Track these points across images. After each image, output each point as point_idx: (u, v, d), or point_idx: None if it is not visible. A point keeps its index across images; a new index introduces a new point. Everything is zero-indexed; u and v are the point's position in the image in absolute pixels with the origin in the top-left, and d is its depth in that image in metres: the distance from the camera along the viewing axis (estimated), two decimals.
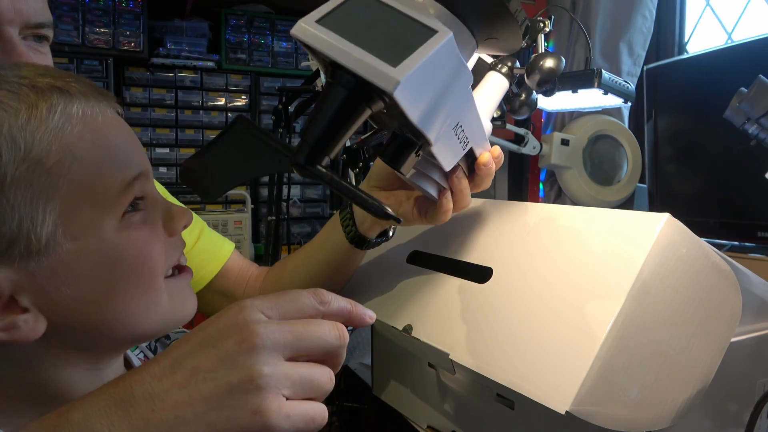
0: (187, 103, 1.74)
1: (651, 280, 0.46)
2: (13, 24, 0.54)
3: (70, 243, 0.37)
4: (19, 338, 0.37)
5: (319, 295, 0.37)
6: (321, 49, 0.35)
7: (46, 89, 0.38)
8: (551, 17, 0.90)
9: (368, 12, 0.36)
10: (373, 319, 0.40)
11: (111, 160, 0.39)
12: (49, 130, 0.37)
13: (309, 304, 0.36)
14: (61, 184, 0.37)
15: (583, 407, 0.42)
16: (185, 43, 1.73)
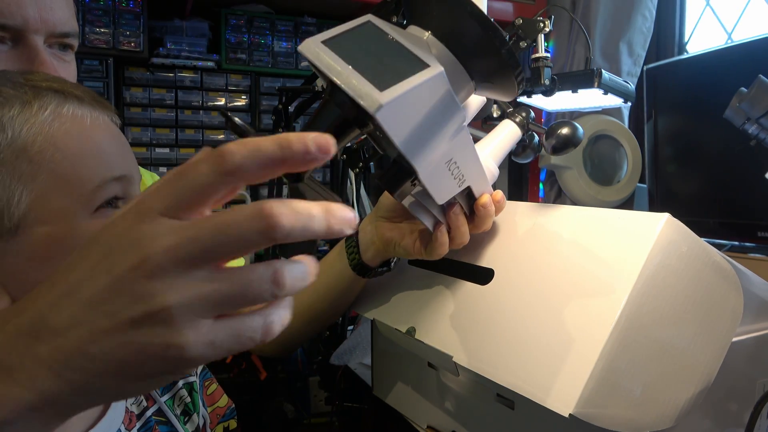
0: (187, 103, 1.74)
1: (652, 280, 0.46)
2: (39, 33, 0.57)
3: (41, 227, 0.40)
4: None
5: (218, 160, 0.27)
6: (320, 66, 0.37)
7: (43, 90, 0.42)
8: (551, 17, 0.90)
9: (372, 40, 0.39)
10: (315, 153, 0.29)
11: (93, 157, 0.42)
12: (38, 123, 0.40)
13: (209, 181, 0.28)
14: (40, 172, 0.40)
15: (586, 409, 0.42)
16: (185, 43, 1.73)
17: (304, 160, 0.28)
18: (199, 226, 0.28)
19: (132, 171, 0.45)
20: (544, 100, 1.24)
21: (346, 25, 0.40)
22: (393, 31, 0.40)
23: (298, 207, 0.28)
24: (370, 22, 0.40)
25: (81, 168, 0.41)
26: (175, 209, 0.28)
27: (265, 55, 1.81)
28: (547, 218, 0.58)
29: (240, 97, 1.79)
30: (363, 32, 0.39)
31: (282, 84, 1.81)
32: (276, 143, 0.27)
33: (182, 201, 0.28)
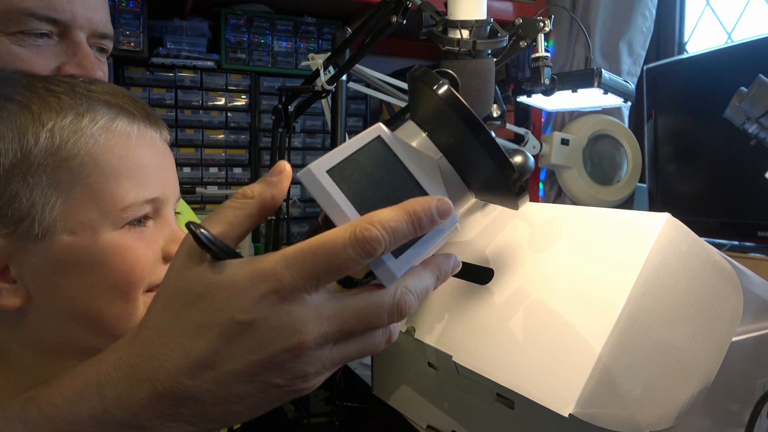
0: (187, 103, 1.74)
1: (652, 280, 0.46)
2: (83, 30, 0.60)
3: (66, 236, 0.41)
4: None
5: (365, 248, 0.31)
6: (321, 203, 0.34)
7: (99, 103, 0.43)
8: (551, 17, 0.90)
9: (378, 165, 0.35)
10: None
11: (129, 177, 0.43)
12: (85, 136, 0.41)
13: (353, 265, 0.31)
14: (77, 184, 0.41)
15: (586, 409, 0.42)
16: (185, 42, 1.73)
17: (431, 227, 0.33)
18: (346, 316, 0.32)
19: (167, 192, 0.46)
20: (544, 100, 1.25)
21: (353, 143, 0.35)
22: (403, 151, 0.36)
23: (420, 289, 0.34)
24: (380, 138, 0.36)
25: (116, 186, 0.42)
26: (315, 286, 0.32)
27: (265, 55, 1.81)
28: (547, 218, 0.58)
29: (240, 97, 1.79)
30: (372, 155, 0.35)
31: (282, 83, 1.81)
32: (410, 224, 0.32)
33: (326, 280, 0.32)
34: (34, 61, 0.57)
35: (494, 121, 1.19)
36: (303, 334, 0.31)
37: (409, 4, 0.81)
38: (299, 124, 1.85)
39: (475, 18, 0.69)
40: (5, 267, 0.41)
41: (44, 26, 0.57)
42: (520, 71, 1.88)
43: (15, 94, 0.42)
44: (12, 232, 0.40)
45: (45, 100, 0.42)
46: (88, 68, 0.60)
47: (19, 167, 0.40)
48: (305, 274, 0.31)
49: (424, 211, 0.32)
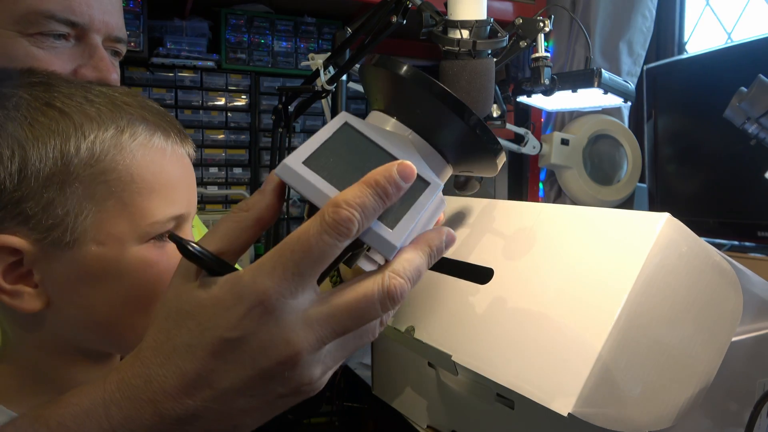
0: (187, 103, 1.74)
1: (652, 279, 0.46)
2: (100, 33, 0.61)
3: (95, 246, 0.41)
4: (18, 306, 0.41)
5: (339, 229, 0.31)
6: (302, 193, 0.34)
7: (137, 118, 0.44)
8: (551, 17, 0.90)
9: (350, 147, 0.35)
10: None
11: (161, 193, 0.44)
12: (124, 151, 0.42)
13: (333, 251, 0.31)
14: (111, 197, 0.42)
15: (585, 409, 0.42)
16: (185, 42, 1.73)
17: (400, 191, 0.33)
18: (338, 316, 0.32)
19: (190, 208, 0.47)
20: (544, 100, 1.25)
21: (322, 133, 0.36)
22: (373, 132, 0.36)
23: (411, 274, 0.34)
24: (347, 124, 0.36)
25: (148, 202, 0.43)
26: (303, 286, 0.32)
27: (265, 55, 1.81)
28: (546, 218, 0.58)
29: (240, 97, 1.79)
30: (343, 140, 0.36)
31: (282, 83, 1.81)
32: (375, 195, 0.32)
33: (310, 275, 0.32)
34: (51, 62, 0.58)
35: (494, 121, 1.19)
36: (296, 344, 0.31)
37: (409, 4, 0.81)
38: (299, 124, 1.85)
39: (475, 18, 0.69)
40: (29, 271, 0.41)
41: (62, 28, 0.58)
42: (520, 71, 1.88)
43: (55, 100, 0.42)
44: (42, 238, 0.40)
45: (86, 110, 0.42)
46: (104, 71, 0.61)
47: (58, 176, 0.40)
48: (287, 275, 0.31)
49: (386, 178, 0.32)
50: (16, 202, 0.40)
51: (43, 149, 0.40)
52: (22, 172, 0.39)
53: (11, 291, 0.41)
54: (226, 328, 0.31)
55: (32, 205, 0.40)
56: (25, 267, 0.41)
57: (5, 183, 0.39)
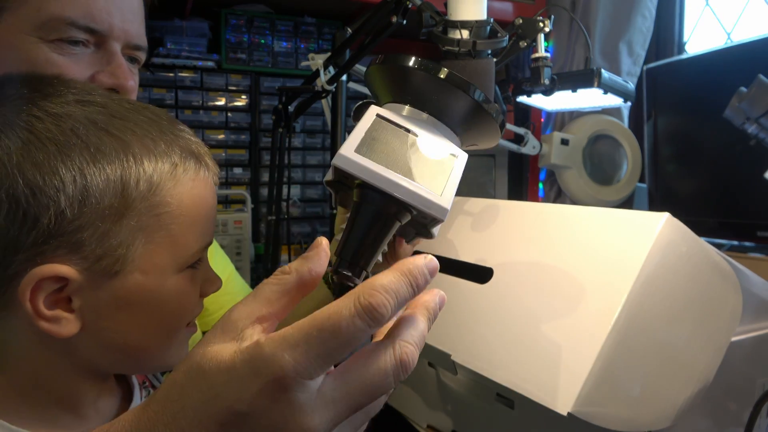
0: (187, 103, 1.74)
1: (651, 279, 0.46)
2: (119, 41, 0.62)
3: (138, 276, 0.42)
4: (55, 332, 0.40)
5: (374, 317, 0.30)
6: (369, 180, 0.38)
7: (188, 152, 0.45)
8: (551, 17, 0.90)
9: (393, 137, 0.40)
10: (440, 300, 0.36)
11: (201, 225, 0.45)
12: (177, 185, 0.43)
13: (361, 336, 0.30)
14: (160, 230, 0.42)
15: (584, 408, 0.42)
16: (185, 43, 1.73)
17: (426, 284, 0.33)
18: (353, 394, 0.31)
19: (213, 235, 0.48)
20: (544, 100, 1.25)
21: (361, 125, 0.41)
22: (400, 118, 0.42)
23: (419, 339, 0.33)
24: (379, 116, 0.42)
25: (190, 234, 0.44)
26: (319, 368, 0.30)
27: (265, 55, 1.81)
28: (546, 218, 0.58)
29: (240, 97, 1.79)
30: (380, 129, 0.41)
31: (282, 84, 1.81)
32: (408, 285, 0.32)
33: (335, 359, 0.30)
34: (69, 68, 0.59)
35: None
36: (311, 426, 0.30)
37: (409, 4, 0.81)
38: (299, 124, 1.85)
39: (475, 18, 0.69)
40: (68, 297, 0.41)
41: (82, 35, 0.59)
42: (520, 71, 1.88)
43: (110, 126, 0.42)
44: (90, 266, 0.40)
45: (143, 141, 0.42)
46: (121, 78, 0.62)
47: (116, 208, 0.40)
48: (310, 355, 0.30)
49: (418, 269, 0.33)
50: (74, 231, 0.39)
51: (104, 179, 0.40)
52: (84, 201, 0.39)
53: (51, 317, 0.40)
54: (236, 400, 0.30)
55: (89, 234, 0.40)
56: (66, 293, 0.41)
57: (66, 211, 0.39)
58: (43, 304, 0.40)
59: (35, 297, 0.39)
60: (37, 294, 0.39)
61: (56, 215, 0.38)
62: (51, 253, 0.39)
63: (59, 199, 0.38)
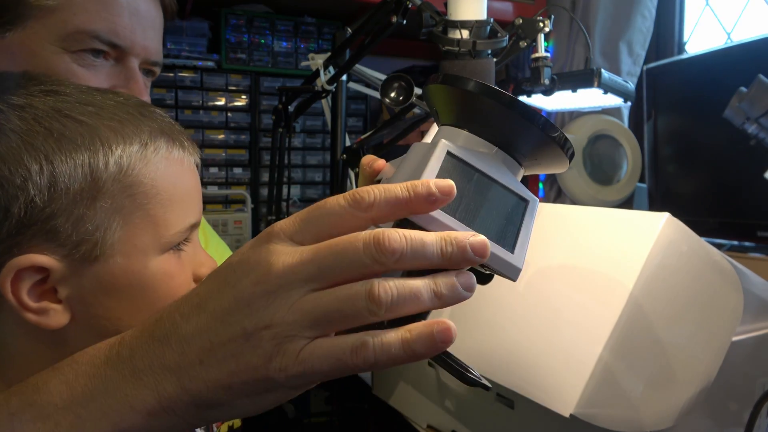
0: (187, 103, 1.73)
1: (652, 280, 0.46)
2: (138, 57, 0.64)
3: (121, 259, 0.42)
4: (44, 324, 0.40)
5: (354, 196, 0.32)
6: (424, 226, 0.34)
7: (158, 131, 0.44)
8: (551, 17, 0.90)
9: (462, 179, 0.36)
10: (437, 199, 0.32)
11: (181, 204, 0.45)
12: (149, 165, 0.43)
13: (341, 212, 0.32)
14: (137, 210, 0.42)
15: (586, 410, 0.42)
16: (185, 42, 1.73)
17: (428, 202, 0.32)
18: (318, 250, 0.31)
19: (200, 216, 0.48)
20: (544, 100, 1.25)
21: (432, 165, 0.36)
22: (473, 158, 0.37)
23: (410, 233, 0.31)
24: (449, 153, 0.37)
25: (170, 213, 0.44)
26: (304, 233, 0.33)
27: (265, 55, 1.81)
28: (547, 218, 0.58)
29: (240, 97, 1.79)
30: (451, 170, 0.36)
31: (282, 84, 1.81)
32: (404, 186, 0.32)
33: (313, 225, 0.32)
34: (89, 79, 0.60)
35: None
36: (272, 264, 0.31)
37: (409, 4, 0.81)
38: (299, 124, 1.85)
39: (475, 18, 0.69)
40: (53, 288, 0.41)
41: (104, 48, 0.61)
42: (520, 71, 1.88)
43: (73, 111, 0.42)
44: (69, 254, 0.40)
45: (109, 124, 0.42)
46: (137, 94, 0.63)
47: (87, 191, 0.40)
48: (296, 219, 0.33)
49: (422, 182, 0.32)
50: (46, 219, 0.39)
51: (71, 164, 0.40)
52: (52, 187, 0.39)
53: (37, 309, 0.40)
54: (234, 255, 0.34)
55: (62, 221, 0.40)
56: (50, 284, 0.41)
57: (35, 199, 0.39)
58: (27, 296, 0.40)
59: (17, 289, 0.39)
60: (18, 285, 0.39)
61: (26, 204, 0.38)
62: (27, 243, 0.39)
63: (27, 188, 0.38)
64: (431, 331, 0.32)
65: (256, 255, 0.33)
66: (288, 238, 0.33)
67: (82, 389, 0.35)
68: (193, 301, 0.34)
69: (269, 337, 0.31)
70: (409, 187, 0.32)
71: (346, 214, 0.32)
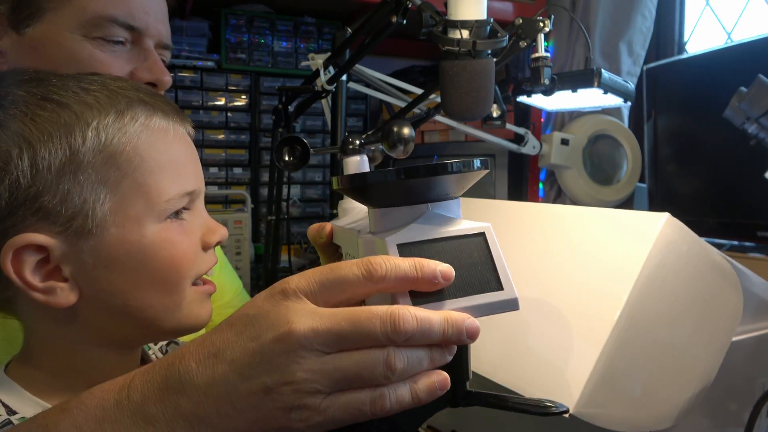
0: (187, 103, 1.74)
1: (652, 280, 0.46)
2: (153, 39, 0.66)
3: (115, 230, 0.42)
4: (54, 302, 0.42)
5: (368, 268, 0.34)
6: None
7: (135, 101, 0.45)
8: (551, 17, 0.90)
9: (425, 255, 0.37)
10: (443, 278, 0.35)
11: (172, 170, 0.45)
12: (128, 133, 0.43)
13: (354, 281, 0.34)
14: (124, 179, 0.43)
15: (586, 409, 0.42)
16: (185, 42, 1.73)
17: (431, 282, 0.35)
18: (338, 317, 0.33)
19: (200, 184, 0.49)
20: (544, 100, 1.25)
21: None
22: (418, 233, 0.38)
23: (419, 314, 0.34)
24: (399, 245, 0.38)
25: (160, 180, 0.44)
26: (318, 294, 0.34)
27: (265, 55, 1.81)
28: (546, 218, 0.58)
29: (240, 97, 1.79)
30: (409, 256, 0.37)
31: (282, 84, 1.81)
32: (412, 264, 0.35)
33: (327, 290, 0.35)
34: (111, 64, 0.62)
35: (494, 121, 1.19)
36: (293, 324, 0.33)
37: (409, 4, 0.81)
38: (299, 124, 1.85)
39: (475, 18, 0.69)
40: (57, 266, 0.42)
41: (122, 32, 0.63)
42: (520, 71, 1.88)
43: (50, 93, 0.43)
44: (64, 230, 0.41)
45: (83, 99, 0.43)
46: (158, 73, 0.66)
47: (68, 166, 0.41)
48: (310, 278, 0.35)
49: (428, 263, 0.35)
50: (33, 198, 0.40)
51: (49, 142, 0.41)
52: (33, 167, 0.40)
53: (44, 288, 0.41)
54: (250, 307, 0.35)
55: (49, 198, 0.40)
56: (53, 263, 0.42)
57: (19, 180, 0.40)
58: (32, 276, 0.41)
59: (20, 269, 0.41)
60: (21, 266, 0.41)
61: (11, 186, 0.40)
62: (21, 223, 0.40)
63: (9, 170, 0.40)
64: (433, 380, 0.35)
65: (275, 312, 0.34)
66: (303, 296, 0.34)
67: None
68: (208, 349, 0.35)
69: (290, 392, 0.33)
70: (417, 266, 0.35)
71: (359, 284, 0.34)
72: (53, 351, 0.45)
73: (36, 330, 0.45)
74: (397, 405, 0.34)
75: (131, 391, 0.35)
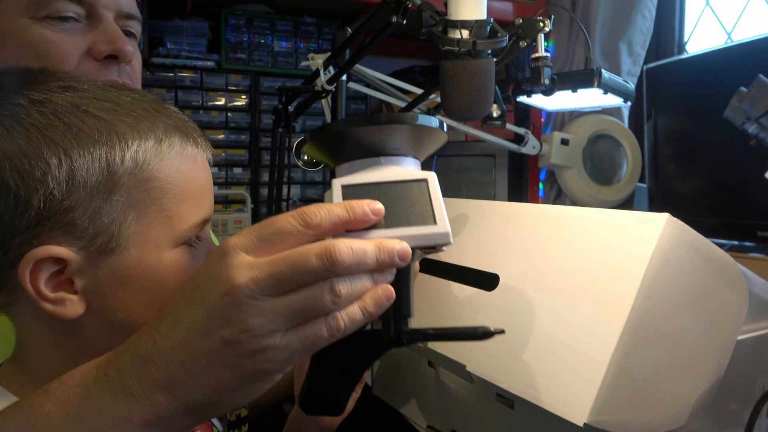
0: (187, 103, 1.74)
1: (656, 281, 0.46)
2: (109, 9, 0.61)
3: (135, 252, 0.43)
4: (61, 313, 0.42)
5: (303, 216, 0.36)
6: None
7: (172, 128, 0.46)
8: (551, 17, 0.90)
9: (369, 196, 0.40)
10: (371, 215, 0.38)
11: (194, 199, 0.46)
12: (164, 160, 0.44)
13: (292, 230, 0.36)
14: (152, 204, 0.43)
15: (601, 417, 0.42)
16: (185, 42, 1.73)
17: (363, 221, 0.38)
18: (276, 262, 0.35)
19: (211, 212, 0.49)
20: (544, 100, 1.25)
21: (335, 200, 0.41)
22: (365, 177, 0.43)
23: (354, 245, 0.36)
24: (343, 186, 0.42)
25: (184, 208, 0.45)
26: (258, 249, 0.36)
27: (265, 55, 1.81)
28: (547, 220, 0.58)
29: (240, 97, 1.79)
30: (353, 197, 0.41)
31: (282, 84, 1.81)
32: (343, 207, 0.37)
33: (267, 243, 0.36)
34: (65, 43, 0.59)
35: (494, 121, 1.19)
36: (234, 279, 0.34)
37: (409, 4, 0.81)
38: (299, 124, 1.85)
39: (475, 18, 0.69)
40: (69, 278, 0.42)
41: (70, 7, 0.59)
42: (520, 71, 1.88)
43: (89, 106, 0.43)
44: (86, 246, 0.41)
45: (125, 120, 0.43)
46: (118, 42, 0.61)
47: (104, 185, 0.41)
48: (249, 234, 0.36)
49: (359, 203, 0.38)
50: (64, 212, 0.40)
51: (89, 158, 0.41)
52: (70, 181, 0.40)
53: (54, 299, 0.41)
54: (197, 272, 0.37)
55: (80, 214, 0.41)
56: (66, 275, 0.42)
57: (54, 192, 0.40)
58: (45, 286, 0.41)
59: (36, 279, 0.41)
60: (37, 276, 0.41)
61: (45, 197, 0.40)
62: (46, 235, 0.40)
63: (47, 181, 0.40)
64: (377, 293, 0.37)
65: (217, 271, 0.35)
66: (243, 251, 0.36)
67: (77, 409, 0.36)
68: (167, 319, 0.37)
69: (248, 338, 0.35)
70: (348, 208, 0.37)
71: (296, 232, 0.36)
72: (46, 358, 0.45)
73: (31, 335, 0.45)
74: (350, 323, 0.36)
75: (108, 368, 0.37)
